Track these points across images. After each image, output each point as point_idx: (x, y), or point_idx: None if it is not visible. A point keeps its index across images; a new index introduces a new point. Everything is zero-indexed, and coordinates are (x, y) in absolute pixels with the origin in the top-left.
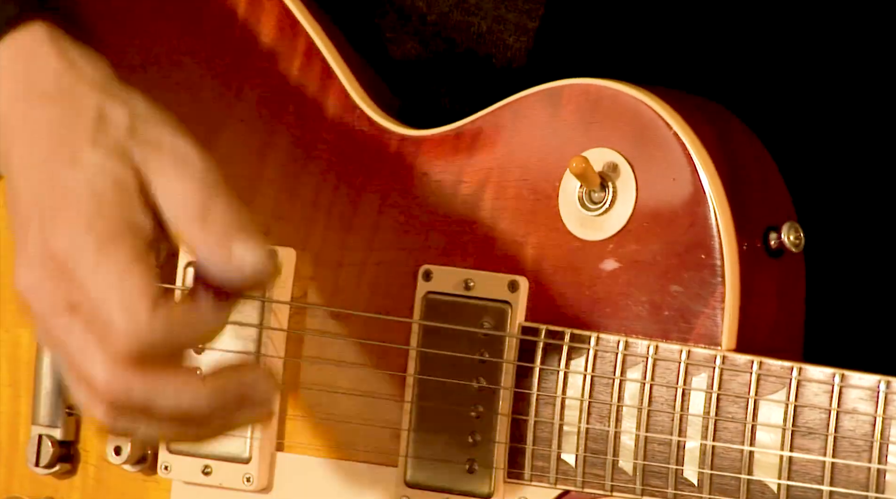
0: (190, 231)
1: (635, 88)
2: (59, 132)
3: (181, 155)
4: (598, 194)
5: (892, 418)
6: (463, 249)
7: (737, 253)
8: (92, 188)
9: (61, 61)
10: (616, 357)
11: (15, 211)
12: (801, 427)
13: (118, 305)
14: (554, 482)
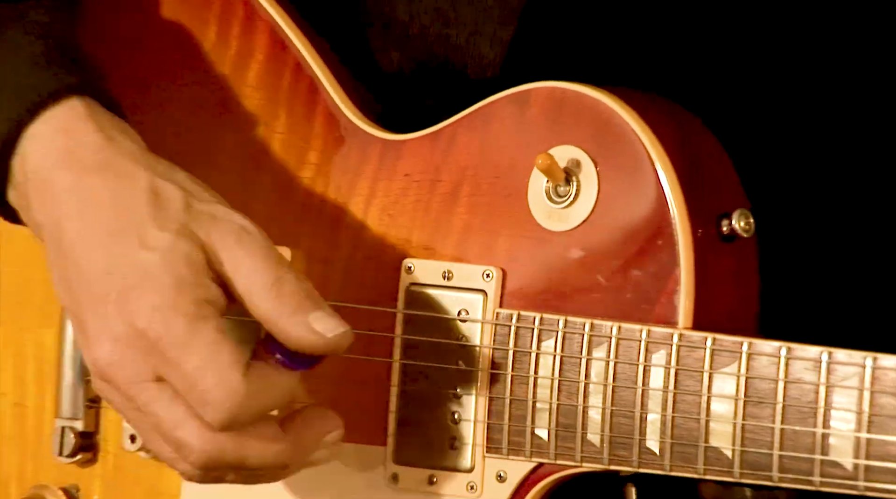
0: (265, 305)
1: (596, 89)
2: (117, 211)
3: (238, 228)
4: (564, 188)
5: (834, 385)
6: (441, 243)
7: (691, 239)
8: (169, 269)
9: (99, 135)
10: (582, 338)
11: (80, 284)
12: (752, 397)
13: (214, 379)
14: (529, 455)
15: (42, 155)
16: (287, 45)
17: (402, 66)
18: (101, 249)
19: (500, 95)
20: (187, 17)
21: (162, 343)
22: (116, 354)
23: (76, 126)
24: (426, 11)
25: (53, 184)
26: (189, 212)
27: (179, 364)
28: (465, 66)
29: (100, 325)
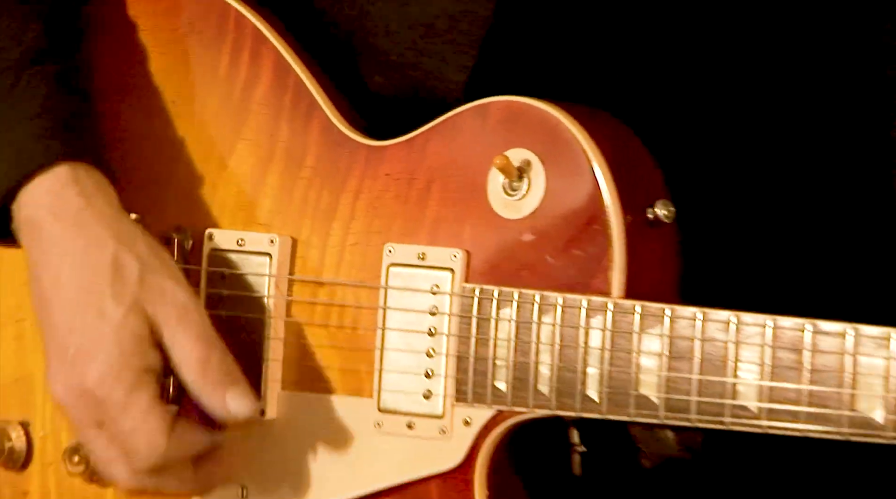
0: (192, 379)
1: (545, 103)
2: (84, 276)
3: (181, 306)
4: (517, 184)
5: (742, 342)
6: (417, 230)
7: (622, 225)
8: (117, 342)
9: (80, 198)
10: (534, 307)
11: (49, 327)
12: (674, 353)
13: (143, 440)
14: (490, 404)
15: (34, 208)
16: (289, 70)
17: (384, 88)
18: (68, 308)
19: (464, 107)
20: (204, 48)
21: (104, 404)
22: (68, 398)
23: (61, 190)
24: (404, 43)
25: (41, 233)
26: (142, 285)
27: (116, 422)
28: (434, 88)
29: (58, 367)
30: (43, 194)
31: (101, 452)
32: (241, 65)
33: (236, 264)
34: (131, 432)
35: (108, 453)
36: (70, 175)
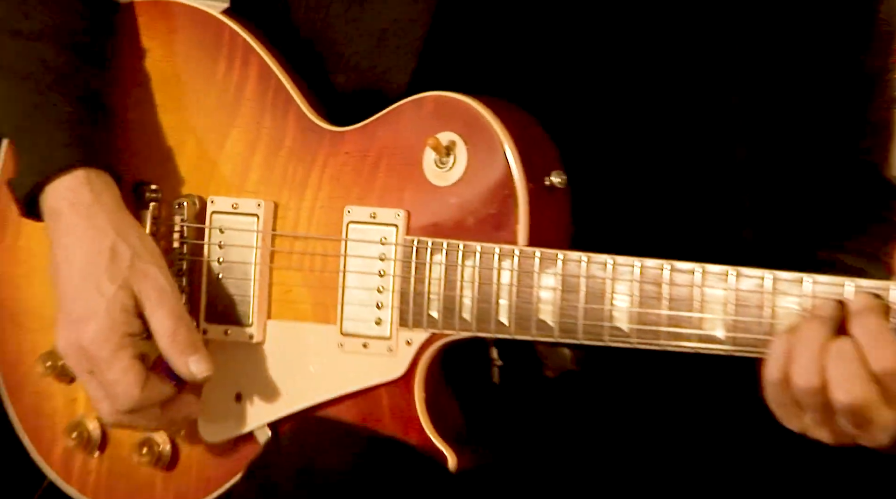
0: (163, 345)
1: (466, 96)
2: (88, 258)
3: (160, 288)
4: (445, 159)
5: (616, 279)
6: (369, 195)
7: (526, 190)
8: (108, 313)
9: (91, 196)
10: (458, 254)
11: (57, 282)
12: (565, 287)
13: (122, 388)
14: (426, 328)
15: (56, 200)
16: (270, 73)
17: (345, 86)
18: (74, 281)
19: (405, 100)
20: (207, 51)
21: (95, 359)
22: (68, 350)
23: (78, 188)
24: (361, 50)
25: (60, 219)
26: (132, 269)
27: (103, 373)
28: (383, 86)
29: (63, 326)
30: (63, 190)
31: (91, 392)
32: (234, 69)
33: (232, 223)
34: (114, 382)
35: (96, 394)
36: (85, 177)
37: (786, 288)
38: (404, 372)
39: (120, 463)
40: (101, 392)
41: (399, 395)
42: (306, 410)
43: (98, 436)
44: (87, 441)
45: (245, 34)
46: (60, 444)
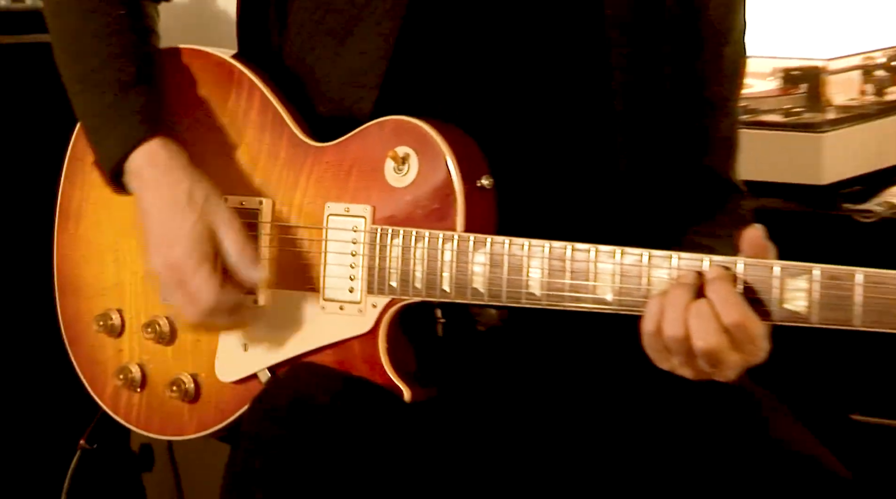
0: (233, 260)
1: (417, 119)
2: (172, 199)
3: (228, 218)
4: (402, 167)
5: (532, 256)
6: (344, 195)
7: (463, 191)
8: (190, 238)
9: (166, 157)
10: (411, 239)
11: (147, 224)
12: (493, 263)
13: (205, 293)
14: (387, 294)
15: (138, 164)
16: (268, 103)
17: (326, 113)
18: (162, 217)
19: (371, 123)
20: (217, 86)
21: (182, 270)
22: (162, 269)
23: (156, 152)
24: (335, 86)
25: (143, 177)
26: (206, 204)
27: (188, 283)
28: (352, 114)
29: (155, 250)
30: (143, 156)
31: (178, 301)
32: (241, 100)
33: (240, 215)
34: (198, 288)
35: (183, 301)
36: (160, 144)
37: (658, 262)
38: (371, 328)
39: (156, 398)
40: (188, 298)
41: (367, 345)
42: (297, 357)
43: (139, 378)
44: (131, 382)
45: (249, 73)
46: (110, 384)
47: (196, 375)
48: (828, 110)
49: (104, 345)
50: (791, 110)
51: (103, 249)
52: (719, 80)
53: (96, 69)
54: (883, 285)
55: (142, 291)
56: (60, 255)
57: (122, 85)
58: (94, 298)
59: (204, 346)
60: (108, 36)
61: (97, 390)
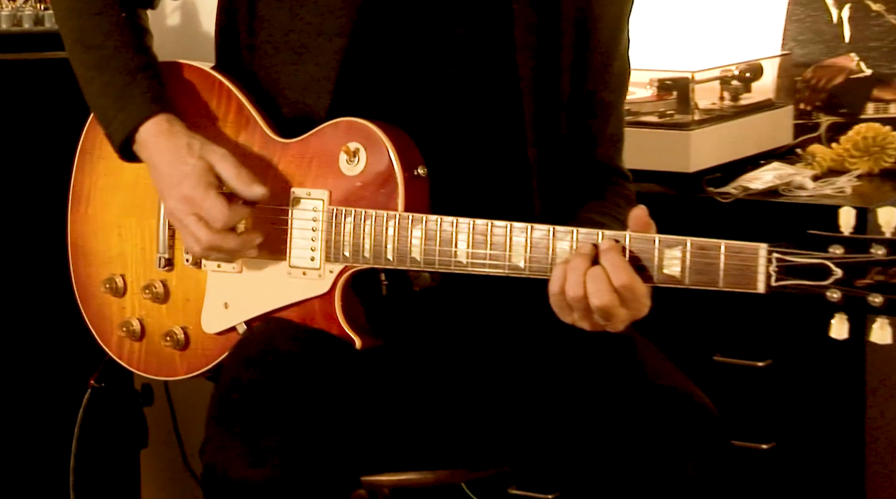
0: (233, 184)
1: (365, 120)
2: (174, 151)
3: (223, 154)
4: (353, 159)
5: (458, 232)
6: (306, 180)
7: (403, 178)
8: (195, 175)
9: (167, 124)
10: (362, 217)
11: (158, 177)
12: (427, 236)
13: (217, 211)
14: (342, 262)
15: (145, 134)
16: (243, 107)
17: (289, 115)
18: (169, 165)
19: (327, 123)
20: (203, 92)
21: (193, 199)
22: (177, 204)
23: (159, 123)
24: (296, 93)
25: (148, 142)
26: (202, 149)
27: (201, 207)
28: (310, 116)
29: (168, 192)
30: (151, 126)
31: (192, 227)
32: (221, 105)
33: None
34: (210, 208)
35: (197, 225)
36: (164, 117)
37: (561, 236)
38: (328, 289)
39: (153, 346)
40: (203, 223)
41: (325, 303)
42: (268, 313)
43: (139, 330)
44: (132, 334)
45: (227, 82)
46: (115, 335)
47: (186, 327)
48: (694, 113)
49: (110, 303)
50: (665, 113)
51: (109, 225)
52: (608, 89)
53: (107, 57)
54: (740, 253)
55: (141, 259)
56: (73, 231)
57: (130, 70)
58: (101, 266)
59: (192, 304)
60: (115, 32)
61: (104, 340)
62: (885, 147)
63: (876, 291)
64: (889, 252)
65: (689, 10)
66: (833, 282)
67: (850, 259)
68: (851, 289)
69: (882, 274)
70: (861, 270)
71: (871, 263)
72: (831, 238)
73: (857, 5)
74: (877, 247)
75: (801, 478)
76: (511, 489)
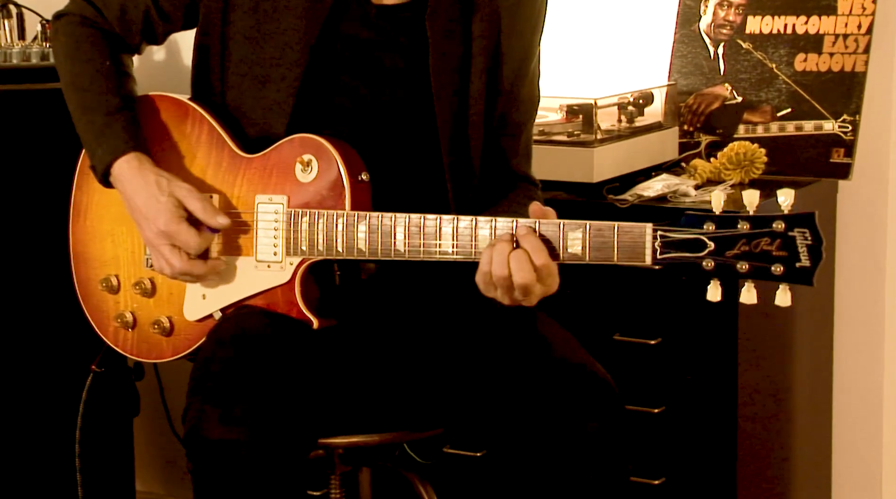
0: (199, 216)
1: (316, 135)
2: (146, 187)
3: (189, 190)
4: (307, 168)
5: (396, 225)
6: (268, 188)
7: (349, 184)
8: (167, 208)
9: (136, 163)
10: (315, 216)
11: (133, 208)
12: (370, 230)
13: (191, 242)
14: (300, 255)
15: (119, 169)
16: (213, 128)
17: (252, 134)
18: (143, 202)
19: (284, 139)
20: (178, 119)
21: (169, 233)
22: (153, 237)
23: (131, 160)
24: (259, 114)
25: (123, 177)
26: (170, 186)
27: (176, 238)
28: (270, 135)
29: (145, 225)
30: (124, 163)
31: (168, 255)
32: (195, 128)
33: None
34: (185, 240)
35: (172, 253)
36: (135, 155)
37: (482, 225)
38: (289, 279)
39: (143, 334)
40: (176, 252)
41: (287, 291)
42: (239, 301)
43: (131, 321)
44: (126, 324)
45: (199, 109)
46: (111, 326)
47: (171, 317)
48: (597, 133)
49: (106, 299)
50: (572, 133)
51: (104, 233)
52: (518, 111)
53: (91, 100)
54: (630, 232)
55: (131, 260)
56: (74, 239)
57: (109, 111)
58: (98, 268)
59: (175, 297)
60: (99, 78)
61: (102, 331)
62: (754, 161)
63: (742, 259)
64: (752, 227)
65: (592, 47)
66: (707, 253)
67: (721, 233)
68: (722, 258)
69: (747, 245)
70: (730, 242)
71: (738, 236)
72: (705, 217)
73: (730, 44)
74: (742, 223)
75: (686, 435)
76: (446, 449)
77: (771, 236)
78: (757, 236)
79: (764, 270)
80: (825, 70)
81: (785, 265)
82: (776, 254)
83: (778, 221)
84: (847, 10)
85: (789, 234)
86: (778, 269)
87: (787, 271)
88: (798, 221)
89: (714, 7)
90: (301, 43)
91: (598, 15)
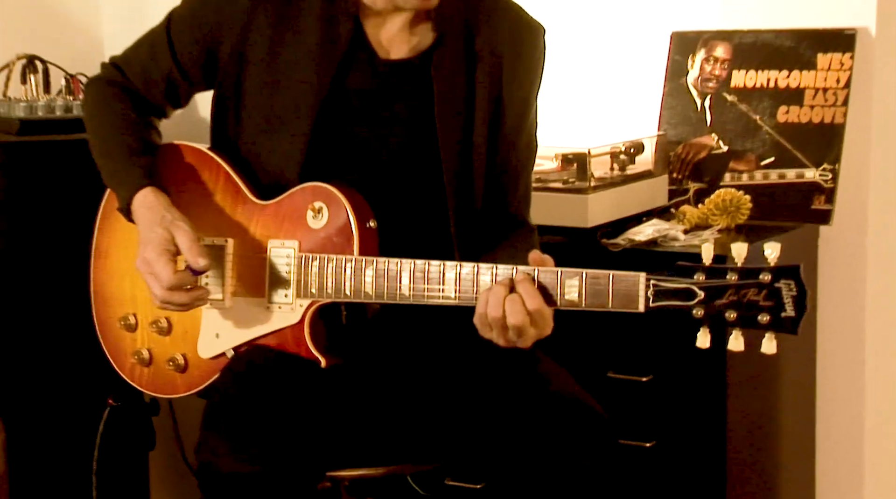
0: (185, 254)
1: (327, 184)
2: (150, 220)
3: (184, 229)
4: (318, 215)
5: (402, 270)
6: (280, 234)
7: (358, 230)
8: (157, 240)
9: (152, 199)
10: (325, 261)
11: (138, 238)
12: (378, 275)
13: (165, 274)
14: (310, 298)
15: (136, 205)
16: (229, 176)
17: (266, 181)
18: (143, 232)
19: (296, 187)
20: (197, 166)
21: (150, 262)
22: (141, 265)
23: (147, 196)
24: (272, 163)
25: (139, 212)
26: (170, 223)
27: (153, 267)
28: (281, 182)
29: (139, 252)
30: (140, 198)
31: (149, 282)
32: (213, 176)
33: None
34: (159, 272)
35: (152, 281)
36: (150, 190)
37: (483, 271)
38: (299, 320)
39: (158, 370)
40: (155, 281)
41: (296, 331)
42: (251, 341)
43: (148, 358)
44: (142, 360)
45: (217, 157)
46: (128, 362)
47: (185, 354)
48: (591, 180)
49: (124, 337)
50: (567, 180)
51: (122, 274)
52: (518, 158)
53: (114, 146)
54: (625, 280)
55: (149, 300)
56: (95, 279)
57: (133, 153)
58: (117, 307)
59: (190, 336)
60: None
61: (119, 367)
62: (740, 207)
63: (731, 308)
64: (740, 277)
65: (586, 99)
66: (697, 302)
67: (710, 284)
68: (711, 307)
69: (735, 295)
70: (719, 292)
71: (727, 286)
72: (695, 267)
73: (716, 97)
74: (731, 274)
75: (677, 469)
76: (447, 481)
77: (758, 287)
78: (745, 287)
79: (751, 319)
80: (806, 121)
81: (771, 315)
82: (763, 304)
83: (765, 273)
84: (826, 66)
85: (775, 285)
86: (764, 318)
87: (774, 321)
88: (784, 273)
89: (701, 62)
90: (312, 96)
91: (592, 69)
